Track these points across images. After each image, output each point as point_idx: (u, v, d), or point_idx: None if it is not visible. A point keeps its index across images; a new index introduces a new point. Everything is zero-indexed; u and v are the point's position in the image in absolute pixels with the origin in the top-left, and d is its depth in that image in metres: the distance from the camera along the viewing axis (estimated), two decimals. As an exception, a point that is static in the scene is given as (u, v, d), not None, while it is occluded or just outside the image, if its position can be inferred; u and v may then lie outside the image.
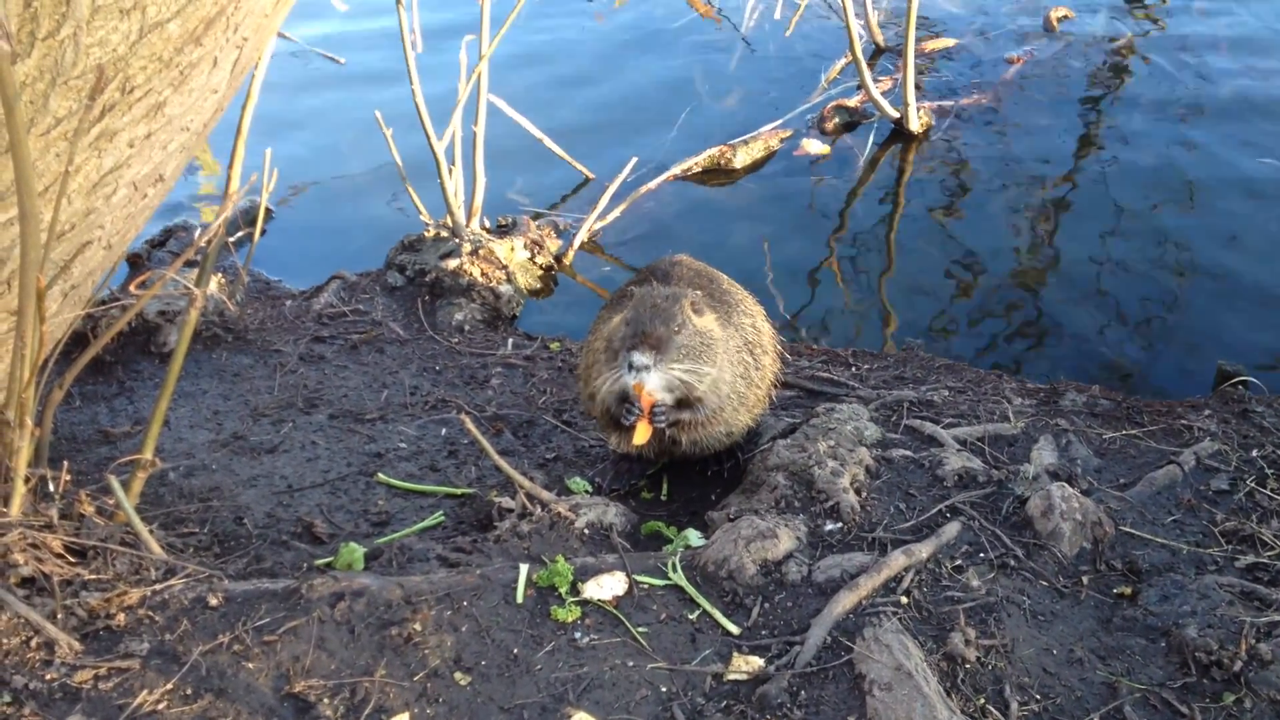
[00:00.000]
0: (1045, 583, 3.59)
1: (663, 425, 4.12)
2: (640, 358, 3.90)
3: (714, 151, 8.01)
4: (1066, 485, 3.92)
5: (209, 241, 3.74)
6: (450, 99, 6.66)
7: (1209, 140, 7.87)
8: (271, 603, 3.26)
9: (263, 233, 6.97)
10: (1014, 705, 3.07)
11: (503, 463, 4.12)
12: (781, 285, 6.81)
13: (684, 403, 4.14)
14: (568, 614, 3.30)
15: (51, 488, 3.50)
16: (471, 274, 6.56)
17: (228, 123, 3.97)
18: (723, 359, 4.18)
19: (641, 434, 4.07)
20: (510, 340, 6.15)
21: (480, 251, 6.72)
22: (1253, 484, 4.15)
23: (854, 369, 5.66)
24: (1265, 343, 6.06)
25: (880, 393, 5.12)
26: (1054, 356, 6.20)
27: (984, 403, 4.99)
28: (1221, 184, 7.42)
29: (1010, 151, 7.99)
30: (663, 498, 4.63)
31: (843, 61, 9.17)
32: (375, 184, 8.01)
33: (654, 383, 3.98)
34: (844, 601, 3.36)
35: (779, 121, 8.33)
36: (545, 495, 4.08)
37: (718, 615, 3.38)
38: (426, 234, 6.95)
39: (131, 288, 4.27)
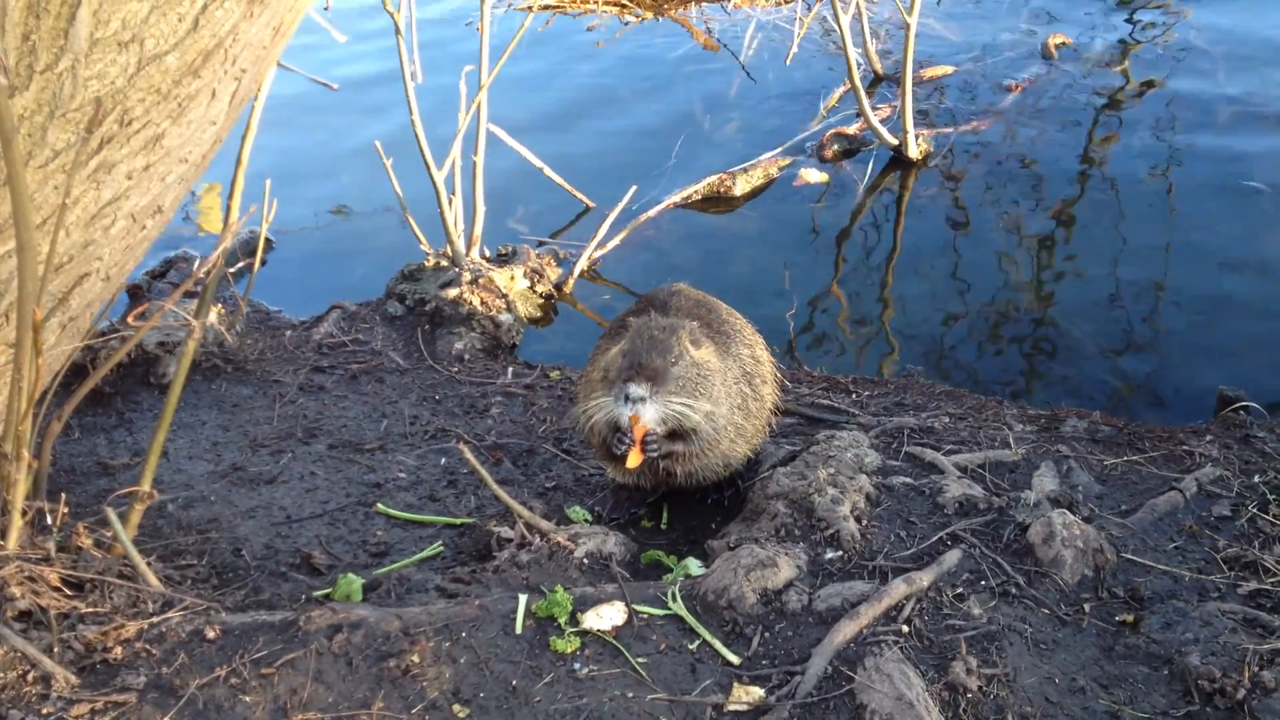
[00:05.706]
0: (1047, 611, 3.57)
1: (654, 455, 4.11)
2: (637, 389, 3.90)
3: (713, 179, 8.03)
4: (1068, 512, 3.91)
5: (208, 272, 3.75)
6: (450, 125, 6.69)
7: (1208, 165, 7.88)
8: (269, 635, 3.24)
9: (262, 263, 6.99)
10: (1017, 735, 3.05)
11: (501, 492, 4.11)
12: (781, 312, 6.81)
13: (677, 434, 4.13)
14: (567, 645, 3.28)
15: (49, 520, 3.49)
16: (471, 303, 6.56)
17: (227, 153, 3.98)
18: (720, 391, 4.17)
19: (633, 459, 4.07)
20: (510, 369, 6.15)
21: (480, 280, 6.73)
22: (1255, 510, 4.13)
23: (854, 396, 5.65)
24: (1267, 368, 6.05)
25: (880, 419, 5.11)
26: (1055, 383, 6.19)
27: (985, 429, 4.98)
28: (1221, 208, 7.42)
29: (1009, 178, 8.01)
30: (662, 526, 4.61)
31: (841, 89, 9.21)
32: (375, 214, 8.03)
33: (650, 414, 3.97)
34: (845, 630, 3.35)
35: (778, 149, 8.36)
36: (544, 525, 4.07)
37: (718, 645, 3.36)
38: (426, 263, 6.96)
39: (130, 319, 4.28)
